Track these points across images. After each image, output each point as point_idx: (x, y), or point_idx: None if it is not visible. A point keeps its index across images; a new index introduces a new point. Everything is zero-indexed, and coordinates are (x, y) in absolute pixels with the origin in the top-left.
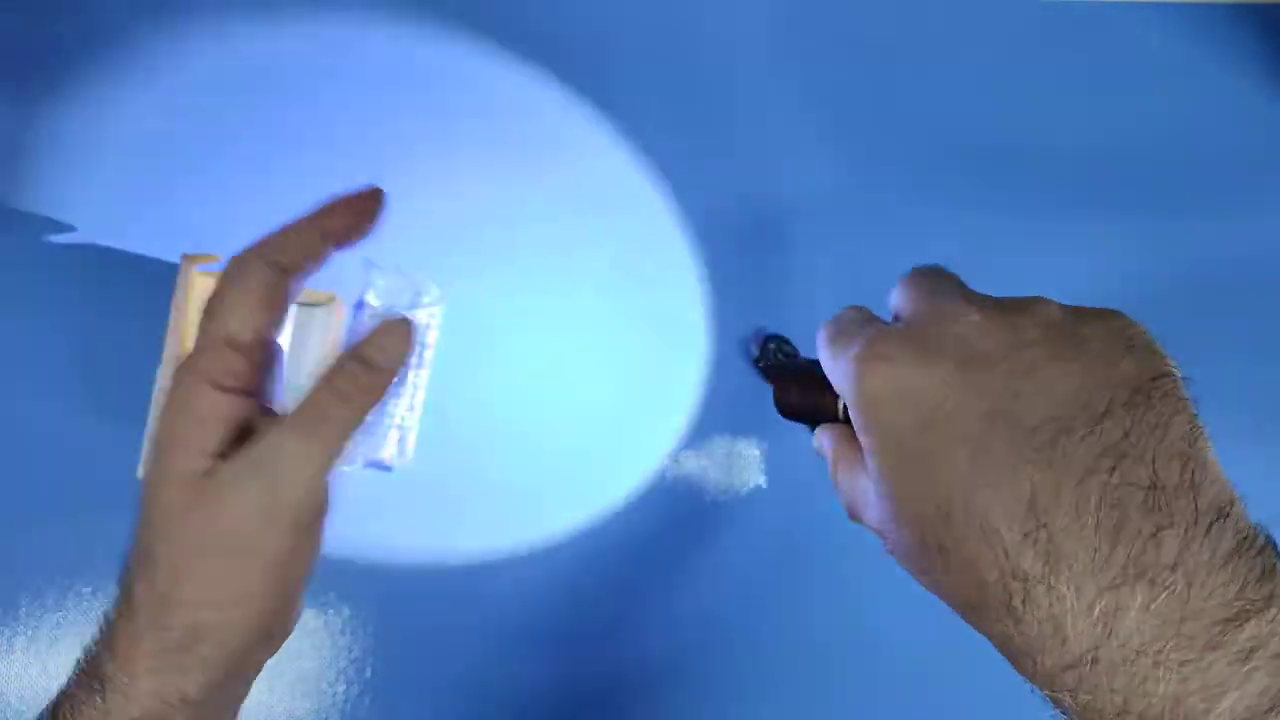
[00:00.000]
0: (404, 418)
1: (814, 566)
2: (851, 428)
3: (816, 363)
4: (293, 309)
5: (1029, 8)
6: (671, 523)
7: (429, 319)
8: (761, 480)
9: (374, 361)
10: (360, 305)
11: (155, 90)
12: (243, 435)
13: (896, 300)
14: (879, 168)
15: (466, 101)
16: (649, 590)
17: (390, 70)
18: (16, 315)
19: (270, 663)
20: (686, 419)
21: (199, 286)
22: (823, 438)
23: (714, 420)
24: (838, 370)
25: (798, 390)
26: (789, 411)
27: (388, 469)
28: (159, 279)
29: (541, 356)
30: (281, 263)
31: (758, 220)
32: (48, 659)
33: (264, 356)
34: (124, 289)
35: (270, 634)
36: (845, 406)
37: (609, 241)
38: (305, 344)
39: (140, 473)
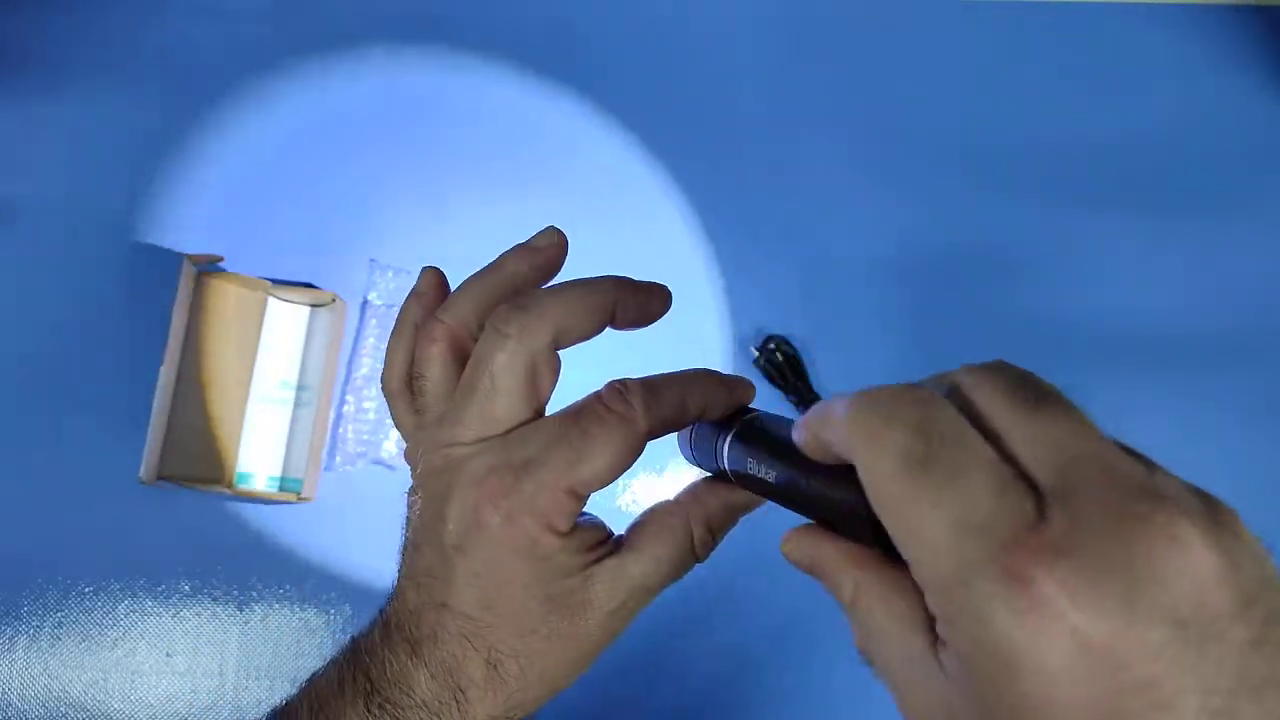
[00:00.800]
0: None
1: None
2: (888, 556)
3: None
4: (299, 310)
5: (1030, 9)
6: None
7: None
8: None
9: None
10: (365, 305)
11: (160, 92)
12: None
13: (998, 424)
14: (878, 166)
15: (468, 102)
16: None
17: (387, 70)
18: (18, 314)
19: (272, 663)
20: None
21: (216, 290)
22: (842, 571)
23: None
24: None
25: (788, 472)
26: (757, 488)
27: (391, 468)
28: (162, 279)
29: None
30: (654, 428)
31: (757, 220)
32: (49, 658)
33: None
34: (126, 289)
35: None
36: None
37: (614, 242)
38: (310, 344)
39: (142, 474)
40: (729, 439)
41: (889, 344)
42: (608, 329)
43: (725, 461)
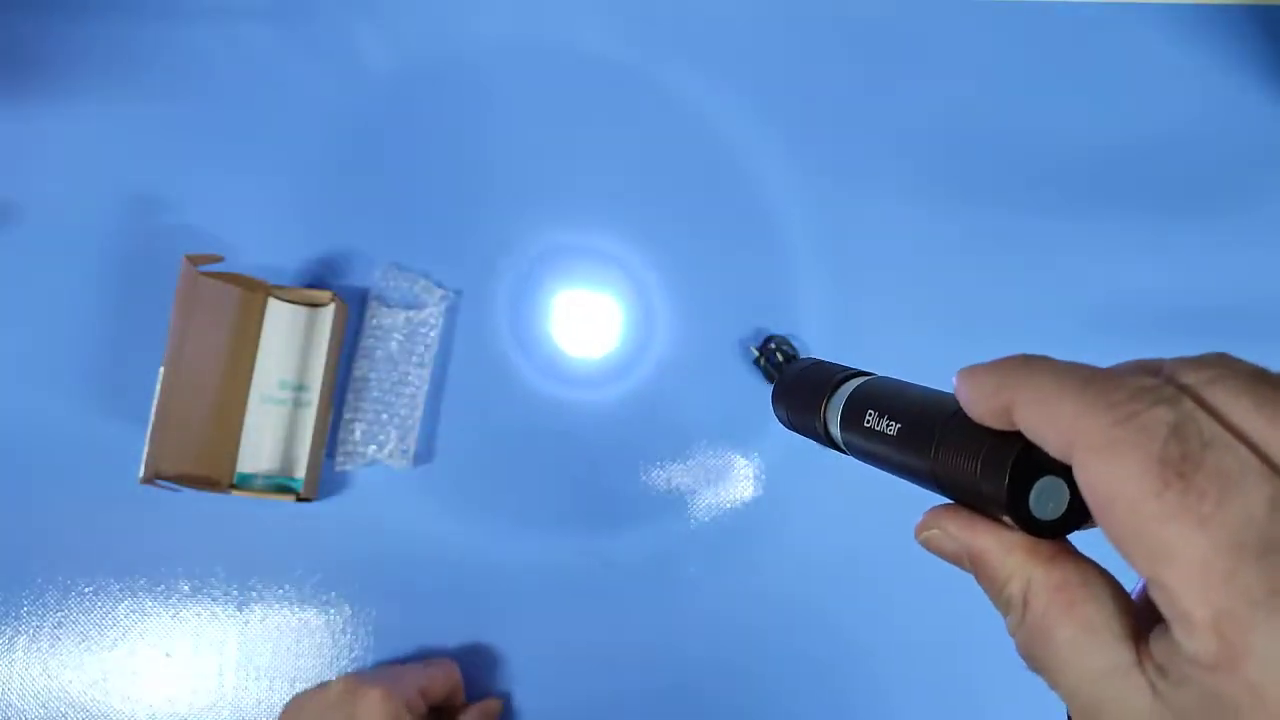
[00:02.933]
0: (405, 416)
1: (813, 581)
2: (1071, 561)
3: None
4: (298, 310)
5: (1031, 9)
6: (669, 534)
7: (433, 319)
8: (756, 491)
9: None
10: (365, 305)
11: (159, 92)
12: None
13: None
14: (879, 168)
15: (469, 101)
16: (654, 605)
17: (386, 71)
18: (19, 315)
19: (272, 663)
20: (677, 427)
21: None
22: (1010, 565)
23: (708, 430)
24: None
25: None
26: (944, 485)
27: (390, 468)
28: (162, 279)
29: (550, 354)
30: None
31: (755, 221)
32: (49, 659)
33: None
34: (126, 289)
35: None
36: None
37: (613, 243)
38: (310, 344)
39: (142, 474)
40: (852, 388)
41: (889, 344)
42: None
43: (836, 418)
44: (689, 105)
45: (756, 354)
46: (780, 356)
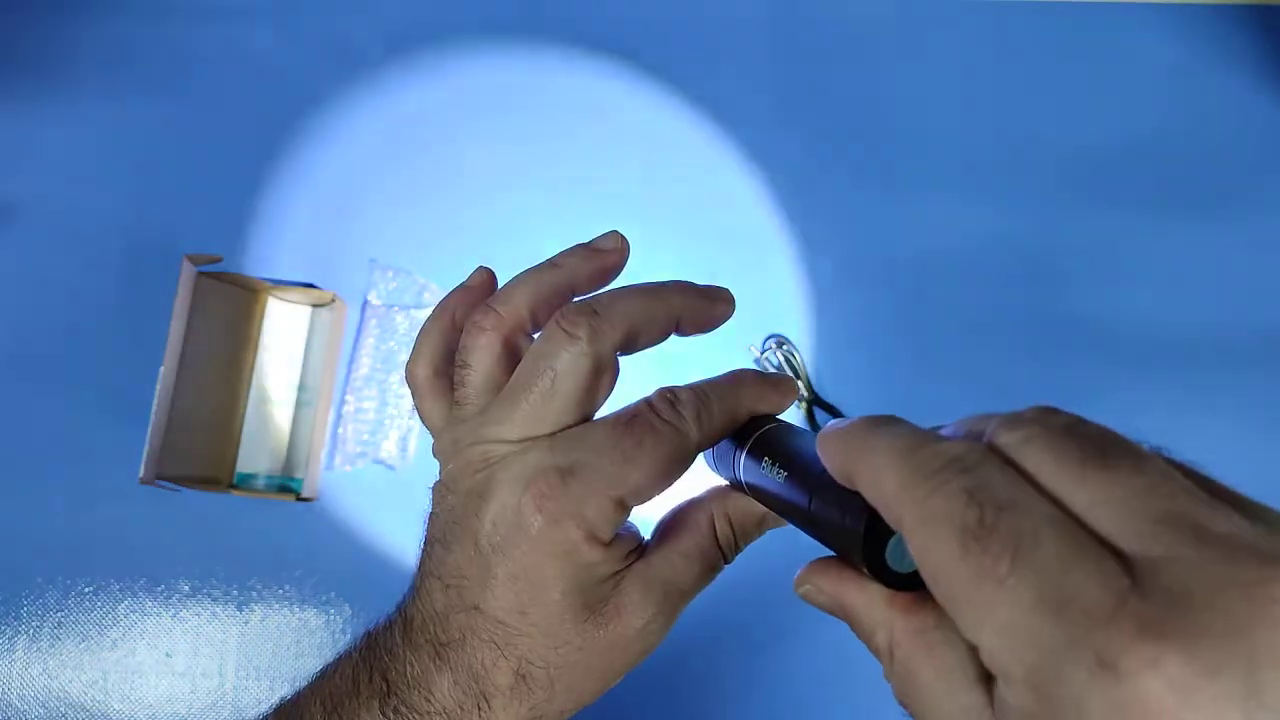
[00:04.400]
0: (405, 416)
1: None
2: (928, 608)
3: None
4: (299, 310)
5: (1030, 9)
6: None
7: None
8: None
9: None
10: (365, 305)
11: (159, 92)
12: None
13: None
14: (878, 167)
15: (467, 102)
16: None
17: (385, 72)
18: (18, 314)
19: (272, 663)
20: None
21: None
22: (874, 616)
23: None
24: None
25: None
26: (794, 518)
27: (391, 468)
28: (162, 279)
29: None
30: (705, 440)
31: (756, 222)
32: (49, 659)
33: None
34: (126, 289)
35: None
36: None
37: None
38: (310, 344)
39: (142, 474)
40: (749, 443)
41: (888, 344)
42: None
43: (740, 469)
44: (691, 109)
45: (756, 354)
46: (780, 356)
